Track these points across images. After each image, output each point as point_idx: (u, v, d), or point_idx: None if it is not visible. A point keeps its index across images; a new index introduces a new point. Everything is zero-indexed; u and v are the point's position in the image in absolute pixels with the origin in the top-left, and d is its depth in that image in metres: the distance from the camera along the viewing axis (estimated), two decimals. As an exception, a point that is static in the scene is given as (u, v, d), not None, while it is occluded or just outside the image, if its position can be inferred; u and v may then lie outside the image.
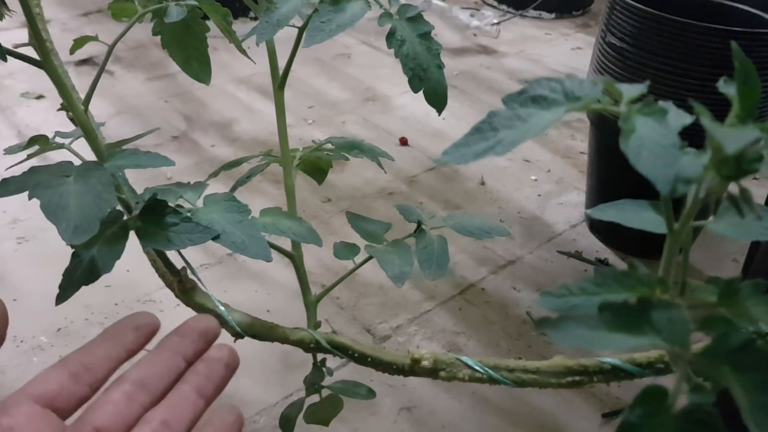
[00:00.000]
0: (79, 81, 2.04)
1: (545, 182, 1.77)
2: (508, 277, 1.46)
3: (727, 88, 0.34)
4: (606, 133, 1.43)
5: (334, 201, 1.65)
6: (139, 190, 0.81)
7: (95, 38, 0.73)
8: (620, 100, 0.35)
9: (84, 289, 0.66)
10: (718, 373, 0.31)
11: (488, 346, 1.29)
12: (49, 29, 2.38)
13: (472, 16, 2.59)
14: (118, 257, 0.62)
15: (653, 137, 0.32)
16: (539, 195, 1.72)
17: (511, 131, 0.36)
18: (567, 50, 2.53)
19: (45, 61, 0.66)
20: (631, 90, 0.35)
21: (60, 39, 2.42)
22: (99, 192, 0.57)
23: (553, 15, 2.76)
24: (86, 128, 0.67)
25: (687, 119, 0.36)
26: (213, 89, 2.05)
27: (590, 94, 0.35)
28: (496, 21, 2.58)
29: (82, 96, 0.77)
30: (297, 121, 1.96)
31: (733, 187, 0.36)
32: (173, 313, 0.82)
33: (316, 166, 0.98)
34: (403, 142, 1.89)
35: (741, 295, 0.34)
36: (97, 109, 1.90)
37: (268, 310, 1.32)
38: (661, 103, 0.37)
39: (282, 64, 0.83)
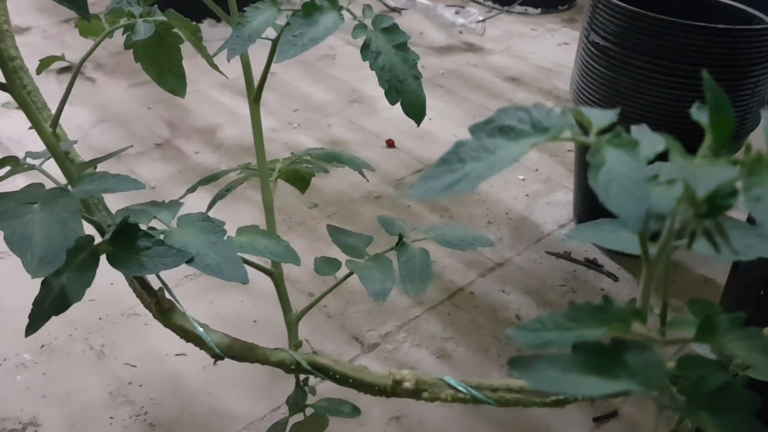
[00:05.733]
0: (61, 89, 2.01)
1: (533, 182, 1.76)
2: (497, 279, 1.45)
3: (700, 115, 0.32)
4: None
5: (321, 206, 1.63)
6: (121, 204, 0.79)
7: (61, 58, 0.72)
8: (590, 129, 0.34)
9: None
10: (696, 418, 0.30)
11: (477, 351, 1.28)
12: (30, 37, 2.35)
13: (457, 13, 2.57)
14: (89, 285, 0.61)
15: (623, 171, 0.30)
16: (527, 195, 1.71)
17: (478, 164, 0.34)
18: (553, 46, 2.52)
19: (9, 82, 0.64)
20: (600, 118, 0.34)
21: (41, 46, 2.38)
22: (65, 220, 0.56)
23: (538, 10, 2.75)
24: (53, 150, 0.66)
25: (661, 146, 0.35)
26: (196, 94, 2.03)
27: (558, 125, 0.33)
28: (481, 18, 2.56)
29: (65, 106, 0.75)
30: (282, 125, 1.94)
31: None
32: (158, 327, 0.81)
33: (298, 175, 0.96)
34: (390, 144, 1.88)
35: (719, 330, 0.33)
36: (79, 117, 1.87)
37: (254, 321, 1.30)
38: (633, 129, 0.36)
39: (261, 68, 0.80)
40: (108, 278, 0.67)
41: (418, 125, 0.75)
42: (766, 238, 0.36)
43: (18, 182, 0.72)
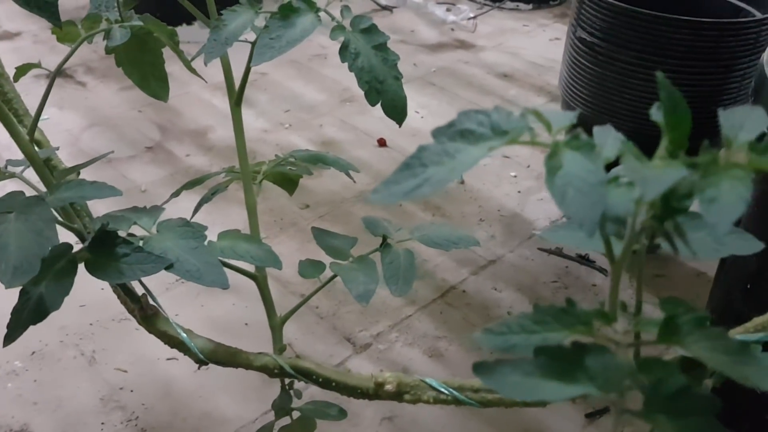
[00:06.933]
0: (51, 94, 2.00)
1: (525, 178, 1.76)
2: (489, 277, 1.45)
3: (657, 116, 0.32)
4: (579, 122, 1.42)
5: (313, 207, 1.63)
6: (112, 209, 0.79)
7: (38, 65, 0.71)
8: (549, 131, 0.34)
9: (58, 310, 0.63)
10: (654, 422, 0.29)
11: (470, 349, 1.28)
12: (20, 42, 2.34)
13: (448, 10, 2.56)
14: (67, 293, 0.61)
15: (580, 174, 0.30)
16: (519, 191, 1.71)
17: (439, 168, 0.34)
18: (545, 41, 2.52)
19: (-15, 92, 0.64)
20: (559, 120, 0.33)
21: (31, 51, 2.37)
22: (40, 229, 0.55)
23: (530, 6, 2.74)
24: (31, 157, 0.66)
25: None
26: (187, 97, 2.02)
27: (517, 128, 0.33)
28: (472, 15, 2.55)
29: (52, 109, 0.74)
30: (274, 125, 1.94)
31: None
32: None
33: (286, 177, 0.96)
34: (382, 143, 1.88)
35: (682, 331, 0.33)
36: (70, 122, 1.87)
37: (245, 324, 1.30)
38: (596, 130, 0.35)
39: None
40: (98, 284, 0.66)
41: (400, 126, 0.75)
42: (720, 238, 0.36)
43: (9, 188, 0.71)
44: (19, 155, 0.75)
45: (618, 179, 0.33)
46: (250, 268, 0.83)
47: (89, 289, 0.65)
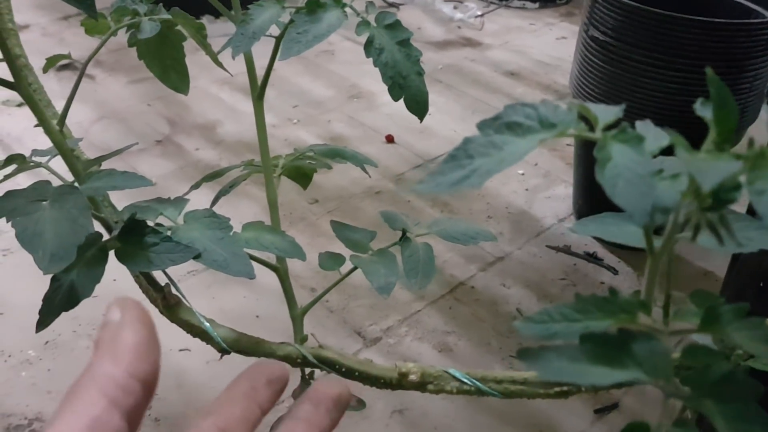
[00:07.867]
0: (61, 87, 2.01)
1: (532, 176, 1.77)
2: (498, 274, 1.46)
3: (704, 111, 0.33)
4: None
5: (322, 202, 1.64)
6: (123, 201, 0.80)
7: (67, 56, 0.72)
8: (596, 125, 0.35)
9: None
10: (701, 406, 0.30)
11: (479, 344, 1.29)
12: (29, 34, 2.36)
13: (455, 8, 2.57)
14: (98, 281, 0.62)
15: (629, 166, 0.31)
16: (527, 189, 1.72)
17: (486, 159, 0.35)
18: (551, 40, 2.53)
19: (17, 81, 0.65)
20: (606, 114, 0.34)
21: (40, 44, 2.38)
22: (75, 217, 0.56)
23: (536, 5, 2.75)
24: (61, 148, 0.66)
25: (665, 141, 0.35)
26: (196, 91, 2.03)
27: (565, 121, 0.34)
28: (479, 13, 2.56)
29: (62, 102, 0.75)
30: (282, 121, 1.95)
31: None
32: (162, 322, 0.82)
33: (301, 171, 0.97)
34: (390, 139, 1.89)
35: (723, 321, 0.34)
36: (79, 114, 1.88)
37: (257, 316, 1.31)
38: (638, 125, 0.36)
39: (264, 63, 0.81)
40: (111, 275, 0.67)
41: (421, 121, 0.76)
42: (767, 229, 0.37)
43: (19, 180, 0.72)
44: (28, 148, 0.76)
45: (662, 172, 0.34)
46: (269, 259, 0.84)
47: (102, 281, 0.65)
